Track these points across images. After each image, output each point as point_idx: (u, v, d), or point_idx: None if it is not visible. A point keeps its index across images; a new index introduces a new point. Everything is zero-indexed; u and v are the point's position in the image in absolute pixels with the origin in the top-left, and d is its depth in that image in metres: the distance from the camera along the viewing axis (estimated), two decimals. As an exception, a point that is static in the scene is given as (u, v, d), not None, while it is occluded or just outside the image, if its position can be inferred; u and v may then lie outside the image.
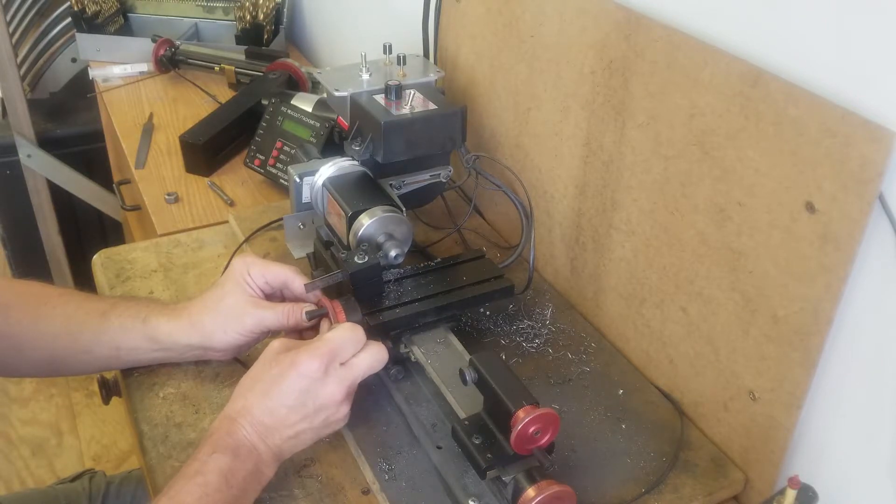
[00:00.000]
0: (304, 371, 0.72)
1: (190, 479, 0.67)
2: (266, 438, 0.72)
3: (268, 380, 0.73)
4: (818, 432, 0.73)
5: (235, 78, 1.66)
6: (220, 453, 0.69)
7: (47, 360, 0.84)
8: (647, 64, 0.79)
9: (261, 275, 0.83)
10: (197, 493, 0.66)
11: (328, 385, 0.73)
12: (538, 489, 0.66)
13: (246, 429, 0.71)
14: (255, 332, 0.82)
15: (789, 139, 0.66)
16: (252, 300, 0.83)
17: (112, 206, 2.07)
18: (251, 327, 0.82)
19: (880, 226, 0.62)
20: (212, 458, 0.69)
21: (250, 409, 0.72)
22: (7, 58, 1.87)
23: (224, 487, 0.67)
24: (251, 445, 0.71)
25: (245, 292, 0.83)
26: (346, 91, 0.96)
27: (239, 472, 0.69)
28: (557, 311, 0.98)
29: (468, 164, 0.99)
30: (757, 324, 0.74)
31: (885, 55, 0.60)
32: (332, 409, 0.74)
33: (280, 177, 1.29)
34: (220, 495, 0.67)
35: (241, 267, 0.83)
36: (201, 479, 0.67)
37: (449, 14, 1.14)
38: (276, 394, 0.72)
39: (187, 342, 0.83)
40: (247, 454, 0.70)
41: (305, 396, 0.72)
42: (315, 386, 0.72)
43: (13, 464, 1.95)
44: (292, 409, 0.72)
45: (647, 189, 0.84)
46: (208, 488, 0.67)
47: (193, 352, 0.84)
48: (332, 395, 0.73)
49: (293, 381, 0.72)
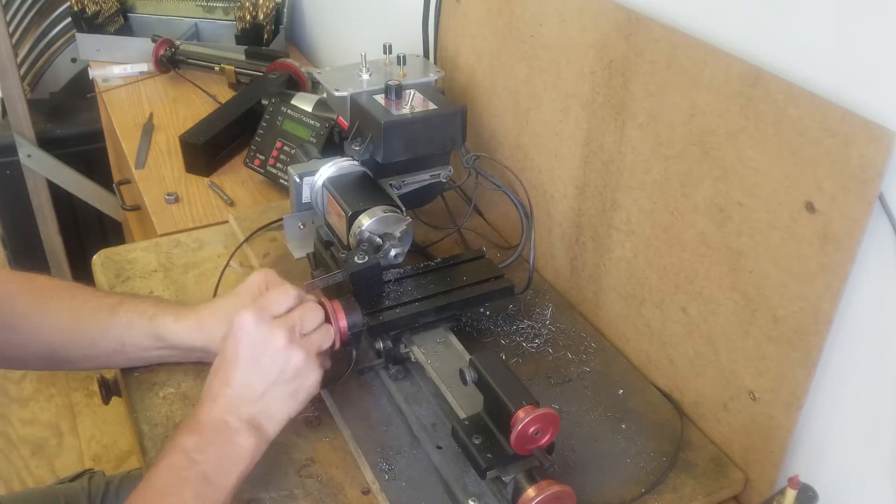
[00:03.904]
0: (242, 328, 0.72)
1: (156, 465, 0.68)
2: (232, 409, 0.71)
3: (223, 355, 0.74)
4: (818, 432, 0.73)
5: (235, 78, 1.66)
6: (183, 435, 0.70)
7: (51, 353, 0.84)
8: (647, 64, 0.79)
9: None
10: (162, 474, 0.67)
11: (274, 335, 0.72)
12: (538, 489, 0.66)
13: (208, 406, 0.71)
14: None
15: (789, 139, 0.66)
16: None
17: (112, 206, 2.07)
18: None
19: (880, 226, 0.62)
20: (175, 441, 0.69)
21: (210, 388, 0.73)
22: (7, 58, 1.87)
23: (188, 464, 0.67)
24: (217, 419, 0.70)
25: None
26: (346, 91, 0.96)
27: (207, 448, 0.69)
28: (557, 311, 0.98)
29: (468, 164, 0.99)
30: (757, 324, 0.74)
31: (885, 55, 0.60)
32: (287, 360, 0.72)
33: (280, 177, 1.29)
34: (185, 472, 0.67)
35: (260, 281, 0.84)
36: (165, 461, 0.68)
37: (449, 14, 1.14)
38: (226, 362, 0.73)
39: (191, 344, 0.83)
40: (213, 430, 0.70)
41: (253, 354, 0.72)
42: (259, 340, 0.72)
43: (13, 464, 1.95)
44: (245, 370, 0.72)
45: (647, 189, 0.84)
46: (172, 467, 0.67)
47: (196, 353, 0.85)
48: (276, 343, 0.72)
49: (238, 344, 0.72)
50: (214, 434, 0.70)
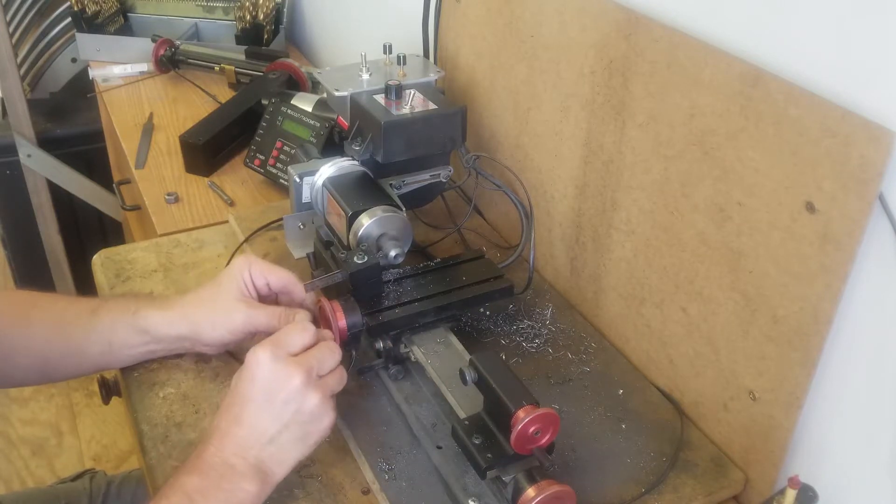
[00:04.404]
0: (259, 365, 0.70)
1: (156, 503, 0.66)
2: (240, 452, 0.69)
3: (235, 391, 0.71)
4: (818, 432, 0.73)
5: (235, 78, 1.66)
6: (186, 475, 0.67)
7: (39, 366, 0.84)
8: (647, 64, 0.79)
9: (262, 276, 0.84)
10: None
11: (291, 375, 0.70)
12: (538, 489, 0.66)
13: (215, 446, 0.69)
14: (243, 331, 0.82)
15: (789, 139, 0.66)
16: (245, 300, 0.83)
17: (112, 206, 2.07)
18: (240, 326, 0.81)
19: (880, 226, 0.62)
20: (178, 481, 0.67)
21: (218, 425, 0.70)
22: (7, 58, 1.87)
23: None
24: (222, 462, 0.68)
25: (240, 290, 0.83)
26: (346, 91, 0.96)
27: (209, 491, 0.66)
28: (557, 311, 0.98)
29: (468, 164, 0.99)
30: (757, 324, 0.74)
31: (885, 55, 0.60)
32: (303, 402, 0.70)
33: (280, 177, 1.29)
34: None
35: (242, 265, 0.83)
36: (164, 503, 0.65)
37: (449, 14, 1.14)
38: (238, 400, 0.70)
39: (177, 333, 0.83)
40: (218, 473, 0.67)
41: (268, 393, 0.69)
42: (275, 380, 0.70)
43: (13, 464, 1.95)
44: (258, 411, 0.69)
45: (647, 189, 0.84)
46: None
47: (183, 343, 0.84)
48: (293, 383, 0.70)
49: (252, 382, 0.70)
50: (219, 478, 0.67)
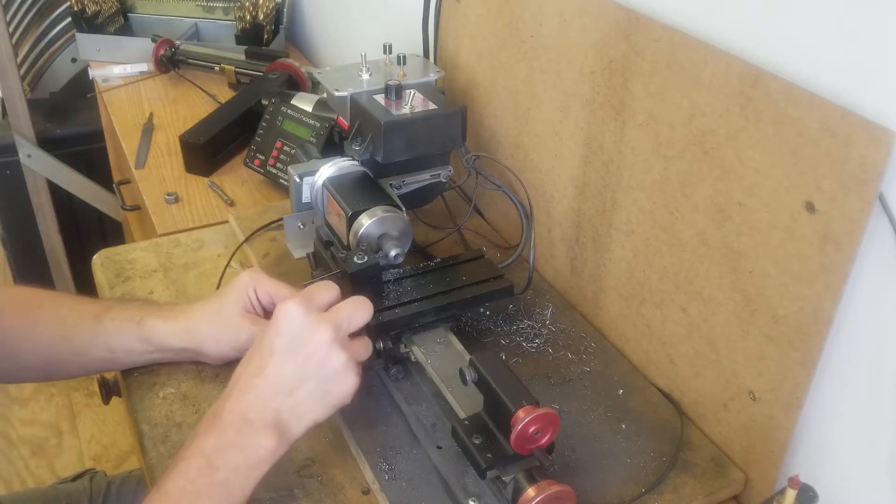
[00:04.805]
0: (288, 317, 0.68)
1: (173, 468, 0.64)
2: (259, 405, 0.67)
3: (259, 345, 0.69)
4: (818, 432, 0.73)
5: (235, 78, 1.66)
6: (204, 436, 0.66)
7: (43, 365, 0.84)
8: (647, 64, 0.79)
9: (267, 294, 0.83)
10: (180, 481, 0.63)
11: (320, 328, 0.68)
12: (538, 489, 0.66)
13: (233, 402, 0.67)
14: (247, 348, 0.80)
15: (789, 139, 0.66)
16: (250, 317, 0.83)
17: (112, 206, 2.07)
18: (245, 343, 0.80)
19: (880, 226, 0.62)
20: (196, 442, 0.65)
21: (238, 380, 0.68)
22: (7, 58, 1.87)
23: (208, 470, 0.63)
24: (240, 418, 0.66)
25: (245, 307, 0.83)
26: (346, 91, 0.96)
27: (227, 450, 0.64)
28: (557, 311, 0.98)
29: (468, 164, 0.99)
30: (757, 324, 0.74)
31: (885, 55, 0.60)
32: (327, 358, 0.68)
33: (280, 177, 1.29)
34: (204, 479, 0.63)
35: (247, 282, 0.83)
36: (183, 465, 0.64)
37: (449, 14, 1.14)
38: (263, 353, 0.68)
39: (181, 346, 0.83)
40: (235, 430, 0.66)
41: (293, 346, 0.68)
42: (303, 333, 0.68)
43: (13, 464, 1.95)
44: (281, 361, 0.67)
45: (647, 189, 0.84)
46: (190, 473, 0.63)
47: (186, 354, 0.85)
48: (321, 337, 0.68)
49: (279, 335, 0.68)
50: (236, 434, 0.66)
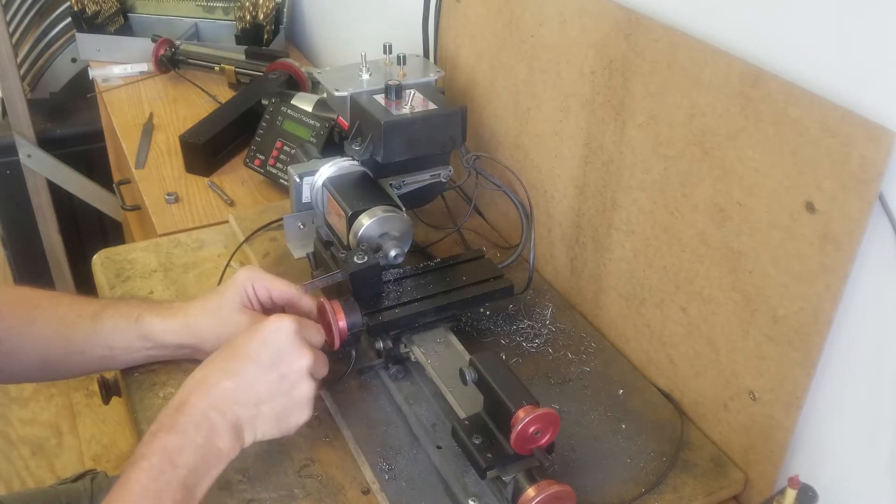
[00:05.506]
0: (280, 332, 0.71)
1: (134, 464, 0.64)
2: (223, 406, 0.68)
3: (237, 348, 0.71)
4: (818, 432, 0.73)
5: (235, 78, 1.66)
6: (166, 433, 0.66)
7: (41, 364, 0.84)
8: (647, 64, 0.79)
9: (265, 290, 0.84)
10: (143, 479, 0.63)
11: (303, 355, 0.71)
12: (538, 489, 0.66)
13: (197, 397, 0.68)
14: None
15: (789, 139, 0.66)
16: (248, 313, 0.83)
17: (112, 206, 2.07)
18: None
19: (880, 226, 0.62)
20: (157, 439, 0.65)
21: (206, 377, 0.69)
22: (7, 58, 1.87)
23: (169, 468, 0.64)
24: (201, 416, 0.67)
25: (243, 304, 0.83)
26: (346, 91, 0.96)
27: (186, 449, 0.65)
28: (557, 311, 0.98)
29: (468, 164, 0.99)
30: (757, 324, 0.74)
31: (885, 55, 0.60)
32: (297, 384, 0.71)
33: (280, 177, 1.29)
34: (166, 477, 0.63)
35: (245, 279, 0.83)
36: (145, 463, 0.63)
37: (449, 14, 1.14)
38: (240, 357, 0.70)
39: (179, 342, 0.84)
40: (194, 428, 0.66)
41: (274, 361, 0.70)
42: (287, 352, 0.70)
43: (13, 464, 1.95)
44: (257, 372, 0.69)
45: (647, 189, 0.84)
46: (153, 471, 0.63)
47: (184, 351, 0.85)
48: (301, 363, 0.71)
49: (264, 345, 0.70)
50: (195, 432, 0.66)
